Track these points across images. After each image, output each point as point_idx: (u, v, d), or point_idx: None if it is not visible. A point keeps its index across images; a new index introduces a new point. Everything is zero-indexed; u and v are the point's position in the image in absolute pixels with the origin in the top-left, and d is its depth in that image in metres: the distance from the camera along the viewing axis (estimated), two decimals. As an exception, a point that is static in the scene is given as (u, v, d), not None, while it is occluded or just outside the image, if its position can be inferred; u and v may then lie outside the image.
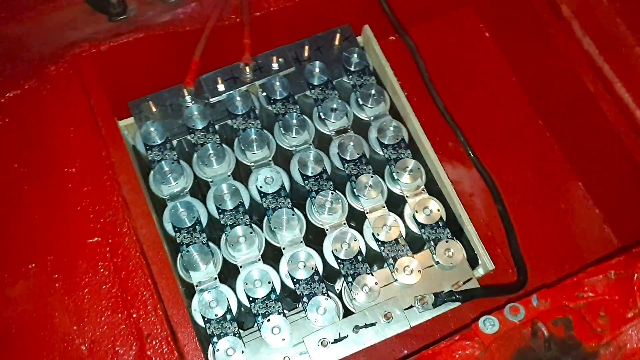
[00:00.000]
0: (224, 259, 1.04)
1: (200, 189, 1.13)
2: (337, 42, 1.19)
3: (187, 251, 1.01)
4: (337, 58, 1.18)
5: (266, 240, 1.06)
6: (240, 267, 1.02)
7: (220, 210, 1.05)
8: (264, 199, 1.06)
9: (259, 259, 1.03)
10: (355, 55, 1.17)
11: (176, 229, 1.04)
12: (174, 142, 1.11)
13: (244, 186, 1.08)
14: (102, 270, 0.95)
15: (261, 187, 1.06)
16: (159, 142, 1.09)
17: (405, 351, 0.98)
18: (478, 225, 1.20)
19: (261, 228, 1.06)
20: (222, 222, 1.05)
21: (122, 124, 1.12)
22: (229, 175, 1.09)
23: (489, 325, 0.72)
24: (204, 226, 1.05)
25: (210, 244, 1.04)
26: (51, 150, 1.03)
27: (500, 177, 1.29)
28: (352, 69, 1.17)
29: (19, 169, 1.02)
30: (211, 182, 1.08)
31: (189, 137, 1.11)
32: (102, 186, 1.00)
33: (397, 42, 1.38)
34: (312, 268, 1.01)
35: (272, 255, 1.06)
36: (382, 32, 1.34)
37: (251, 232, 1.03)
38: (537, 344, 0.68)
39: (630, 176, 1.12)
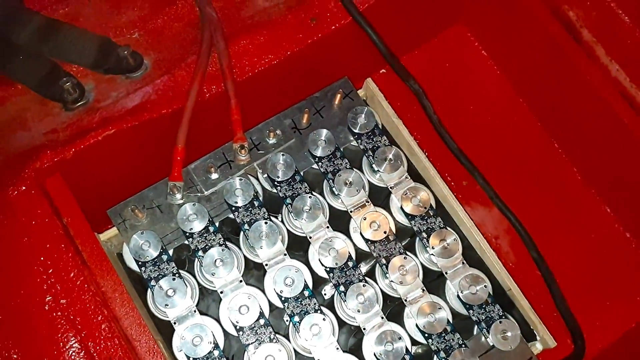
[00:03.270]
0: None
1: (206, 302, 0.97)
2: (337, 102, 1.04)
3: (210, 384, 0.86)
4: (341, 119, 1.03)
5: (295, 351, 0.92)
6: None
7: (238, 328, 0.90)
8: (286, 305, 0.92)
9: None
10: (362, 116, 1.02)
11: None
12: (170, 251, 0.95)
13: (260, 291, 0.93)
14: None
15: (281, 291, 0.91)
16: (154, 255, 0.92)
17: None
18: (509, 271, 1.08)
19: (288, 339, 0.92)
20: (242, 342, 0.90)
21: (104, 238, 0.95)
22: (241, 282, 0.93)
23: None
24: (221, 349, 0.89)
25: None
26: (27, 294, 0.85)
27: (523, 213, 1.17)
28: (361, 131, 1.02)
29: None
30: (221, 293, 0.93)
31: (186, 242, 0.95)
32: (97, 329, 0.84)
33: (387, 74, 1.24)
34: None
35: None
36: (372, 65, 1.20)
37: (280, 350, 0.89)
38: None
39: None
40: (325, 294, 1.01)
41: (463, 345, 0.91)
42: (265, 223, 0.95)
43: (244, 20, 1.09)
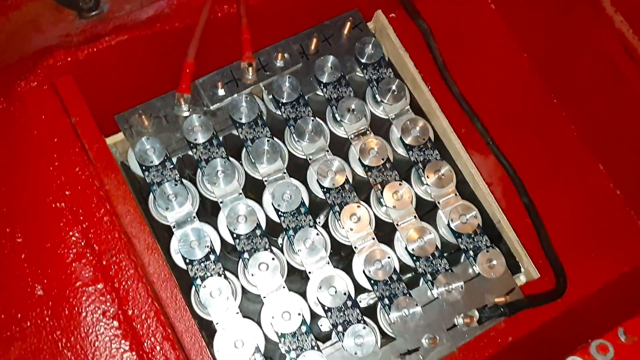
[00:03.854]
0: (243, 289, 0.93)
1: (206, 209, 1.00)
2: (346, 31, 1.06)
3: (204, 286, 0.89)
4: (348, 49, 1.05)
5: (289, 264, 0.95)
6: (264, 298, 0.91)
7: (235, 235, 0.93)
8: (282, 219, 0.95)
9: (284, 287, 0.92)
10: (370, 46, 1.04)
11: (188, 261, 0.91)
12: (174, 159, 0.97)
13: (259, 205, 0.96)
14: (109, 321, 0.82)
15: (279, 205, 0.94)
16: (157, 161, 0.95)
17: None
18: None
19: (281, 250, 0.95)
20: (238, 249, 0.93)
21: (110, 142, 0.97)
22: (240, 194, 0.96)
23: (580, 372, 0.64)
24: (217, 255, 0.93)
25: (228, 274, 0.92)
26: (33, 184, 0.87)
27: (518, 163, 1.20)
28: (366, 61, 1.04)
29: (-3, 209, 0.87)
30: (221, 202, 0.96)
31: (190, 153, 0.97)
32: (99, 222, 0.86)
33: (397, 19, 1.26)
34: (345, 294, 0.91)
35: (298, 282, 0.95)
36: (382, 8, 1.21)
37: (273, 259, 0.92)
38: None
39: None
40: (319, 221, 1.04)
41: (450, 271, 0.95)
42: (268, 141, 0.97)
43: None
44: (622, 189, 1.23)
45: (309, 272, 0.93)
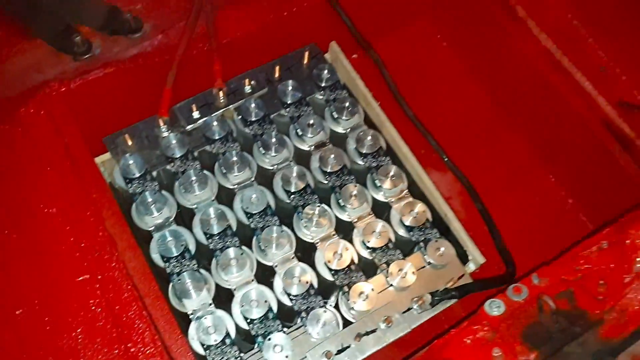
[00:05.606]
0: (216, 284, 1.02)
1: (183, 218, 1.12)
2: (306, 61, 1.21)
3: (179, 280, 0.99)
4: (308, 76, 1.21)
5: (257, 260, 1.05)
6: (234, 290, 1.01)
7: (208, 235, 1.04)
8: (251, 220, 1.06)
9: (253, 280, 1.02)
10: (325, 71, 1.19)
11: (165, 258, 1.02)
12: (154, 173, 1.10)
13: (230, 209, 1.08)
14: (94, 307, 0.92)
15: (247, 207, 1.06)
16: (139, 174, 1.08)
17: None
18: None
19: (251, 249, 1.06)
20: (211, 247, 1.03)
21: (99, 161, 1.11)
22: (213, 200, 1.08)
23: (494, 307, 0.73)
24: (192, 253, 1.03)
25: (202, 270, 1.02)
26: (29, 193, 1.00)
27: (475, 177, 1.31)
28: (324, 84, 1.19)
29: (-3, 215, 0.99)
30: (196, 208, 1.07)
31: (168, 167, 1.10)
32: (86, 223, 0.98)
33: (360, 59, 1.42)
34: (307, 282, 1.01)
35: (265, 275, 1.05)
36: (344, 51, 1.38)
37: (242, 254, 1.02)
38: (544, 318, 0.69)
39: (596, 161, 1.16)
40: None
41: (403, 259, 1.04)
42: (237, 153, 1.10)
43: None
44: (574, 196, 1.33)
45: (275, 266, 1.03)
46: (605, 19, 1.18)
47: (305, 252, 1.08)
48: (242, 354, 0.96)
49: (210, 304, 0.99)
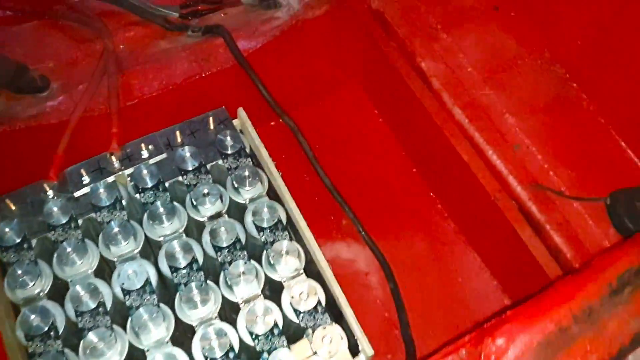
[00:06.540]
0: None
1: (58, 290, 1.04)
2: (211, 126, 1.16)
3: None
4: (212, 142, 1.15)
5: (130, 343, 0.97)
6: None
7: (78, 313, 0.97)
8: (127, 297, 0.99)
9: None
10: (229, 138, 1.14)
11: (28, 337, 0.94)
12: (34, 241, 1.04)
13: (107, 284, 1.01)
14: None
15: (123, 284, 0.99)
16: (16, 242, 1.02)
17: None
18: (375, 306, 1.16)
19: (124, 329, 0.98)
20: (80, 326, 0.96)
21: (-22, 226, 1.05)
22: (91, 273, 1.01)
23: None
24: (59, 332, 0.96)
25: (67, 351, 0.94)
26: None
27: (394, 251, 1.25)
28: (227, 152, 1.14)
29: None
30: (70, 281, 1.01)
31: (49, 235, 1.04)
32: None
33: (280, 125, 1.38)
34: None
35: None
36: (265, 116, 1.34)
37: (110, 335, 0.95)
38: None
39: (512, 245, 1.09)
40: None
41: (288, 348, 0.96)
42: (121, 223, 1.04)
43: (146, 56, 1.26)
44: (497, 277, 1.26)
45: (147, 350, 0.96)
46: (523, 94, 1.13)
47: (186, 336, 1.00)
48: None
49: (69, 391, 0.91)
